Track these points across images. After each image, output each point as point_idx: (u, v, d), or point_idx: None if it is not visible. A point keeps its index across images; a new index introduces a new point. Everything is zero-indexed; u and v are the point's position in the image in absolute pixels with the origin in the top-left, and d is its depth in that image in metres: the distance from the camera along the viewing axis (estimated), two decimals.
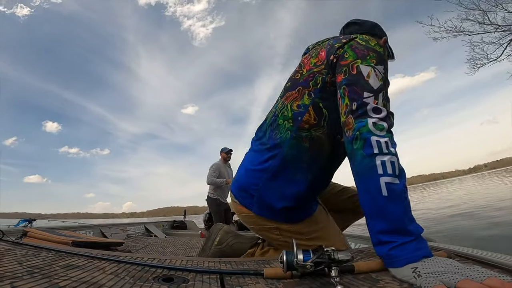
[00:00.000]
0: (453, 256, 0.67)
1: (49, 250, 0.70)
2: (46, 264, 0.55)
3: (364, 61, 0.69)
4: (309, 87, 0.79)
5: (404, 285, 0.52)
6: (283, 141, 0.81)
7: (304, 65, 0.83)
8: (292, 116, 0.80)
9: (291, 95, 0.82)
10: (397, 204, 0.57)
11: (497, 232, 3.50)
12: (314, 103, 0.77)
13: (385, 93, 0.68)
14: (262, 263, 0.79)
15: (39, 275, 0.47)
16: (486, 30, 6.61)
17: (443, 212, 5.91)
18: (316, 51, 0.83)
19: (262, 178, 0.84)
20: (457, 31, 6.85)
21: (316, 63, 0.79)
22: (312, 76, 0.79)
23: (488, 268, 0.51)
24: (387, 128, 0.63)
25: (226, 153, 3.84)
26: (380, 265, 0.61)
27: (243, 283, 0.57)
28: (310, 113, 0.77)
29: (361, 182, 0.62)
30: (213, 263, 0.75)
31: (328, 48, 0.78)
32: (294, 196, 0.83)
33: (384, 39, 0.89)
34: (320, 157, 0.80)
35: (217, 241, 1.07)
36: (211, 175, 3.66)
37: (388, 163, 0.58)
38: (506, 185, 11.59)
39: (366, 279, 0.57)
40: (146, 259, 0.73)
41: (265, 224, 0.90)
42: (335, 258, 0.55)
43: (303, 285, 0.56)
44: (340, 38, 0.80)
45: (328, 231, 0.92)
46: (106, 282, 0.49)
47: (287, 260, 0.56)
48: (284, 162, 0.81)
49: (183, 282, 0.55)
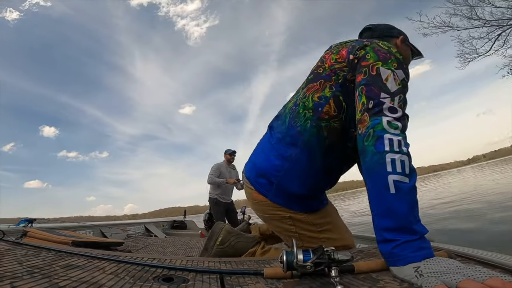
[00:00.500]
0: (454, 256, 0.67)
1: (49, 250, 0.70)
2: (46, 264, 0.55)
3: (385, 64, 0.71)
4: (331, 81, 0.82)
5: (404, 285, 0.52)
6: (303, 130, 0.83)
7: (325, 60, 0.86)
8: (312, 106, 0.83)
9: (312, 87, 0.85)
10: (404, 202, 0.57)
11: None
12: (335, 96, 0.80)
13: (403, 97, 0.69)
14: (262, 263, 0.79)
15: (39, 275, 0.47)
16: (474, 25, 6.70)
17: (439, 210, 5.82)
18: (338, 49, 0.86)
19: (284, 165, 0.86)
20: (446, 27, 6.94)
21: (337, 60, 0.82)
22: (334, 72, 0.82)
23: (490, 268, 0.51)
24: (401, 128, 0.63)
25: (229, 155, 3.84)
26: (380, 265, 0.61)
27: (243, 283, 0.57)
28: (331, 105, 0.80)
29: (370, 178, 0.62)
30: (213, 263, 0.75)
31: (349, 48, 0.81)
32: (311, 185, 0.86)
33: (402, 38, 0.92)
34: (335, 147, 0.83)
35: (219, 241, 1.07)
36: (211, 174, 3.67)
37: (398, 161, 0.58)
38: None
39: (366, 279, 0.57)
40: (146, 259, 0.73)
41: (279, 213, 0.91)
42: (335, 258, 0.55)
43: (303, 285, 0.56)
44: (363, 40, 0.84)
45: (338, 225, 0.95)
46: (106, 282, 0.49)
47: (287, 260, 0.56)
48: (305, 149, 0.83)
49: (183, 282, 0.55)
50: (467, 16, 6.62)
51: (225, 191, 3.73)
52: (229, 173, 3.78)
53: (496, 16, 6.46)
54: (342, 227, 0.97)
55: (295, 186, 0.86)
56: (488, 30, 6.66)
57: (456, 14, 6.74)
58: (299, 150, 0.84)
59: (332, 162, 0.86)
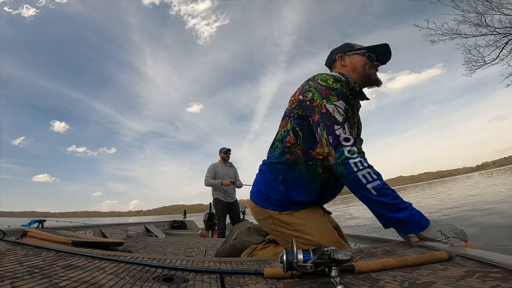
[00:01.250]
0: (454, 256, 0.67)
1: (49, 250, 0.70)
2: (46, 264, 0.55)
3: (328, 100, 0.94)
4: (290, 117, 1.09)
5: (404, 285, 0.52)
6: (274, 155, 1.12)
7: (289, 102, 1.13)
8: (281, 138, 1.11)
9: (282, 124, 1.13)
10: (385, 196, 0.85)
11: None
12: (293, 128, 1.06)
13: (348, 122, 0.93)
14: (262, 263, 0.79)
15: (39, 275, 0.47)
16: (482, 33, 6.65)
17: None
18: (295, 92, 1.11)
19: (260, 176, 1.17)
20: (454, 34, 6.89)
21: (293, 101, 1.09)
22: (291, 110, 1.09)
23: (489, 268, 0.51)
24: (357, 150, 0.89)
25: (224, 153, 3.82)
26: (380, 265, 0.62)
27: (243, 283, 0.57)
28: (291, 135, 1.07)
29: (355, 192, 0.90)
30: (213, 263, 0.75)
31: (301, 90, 1.06)
32: (281, 191, 1.08)
33: (339, 56, 1.14)
34: (296, 165, 1.05)
35: (234, 236, 1.34)
36: (207, 176, 3.67)
37: (366, 174, 0.85)
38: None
39: (366, 279, 0.57)
40: (146, 259, 0.73)
41: (261, 213, 1.13)
42: (335, 258, 0.55)
43: (303, 285, 0.56)
44: (309, 80, 1.06)
45: (313, 227, 1.05)
46: (106, 282, 0.49)
47: (287, 260, 0.56)
48: (273, 166, 1.11)
49: (183, 282, 0.55)
50: (476, 24, 6.54)
51: (227, 190, 3.71)
52: (226, 172, 3.76)
53: (504, 24, 6.39)
54: (320, 229, 1.06)
55: (268, 191, 1.11)
56: (495, 38, 6.59)
57: (465, 21, 6.68)
58: (267, 167, 1.13)
59: (294, 176, 1.06)
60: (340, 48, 1.17)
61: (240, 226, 1.30)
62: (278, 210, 1.08)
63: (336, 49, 1.17)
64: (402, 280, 0.54)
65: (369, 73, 1.11)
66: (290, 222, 1.05)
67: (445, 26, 6.87)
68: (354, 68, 1.10)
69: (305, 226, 1.04)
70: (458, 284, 0.50)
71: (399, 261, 0.64)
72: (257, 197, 1.14)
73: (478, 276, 0.53)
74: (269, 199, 1.10)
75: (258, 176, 1.19)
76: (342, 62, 1.13)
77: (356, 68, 1.10)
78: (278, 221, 1.08)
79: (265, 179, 1.13)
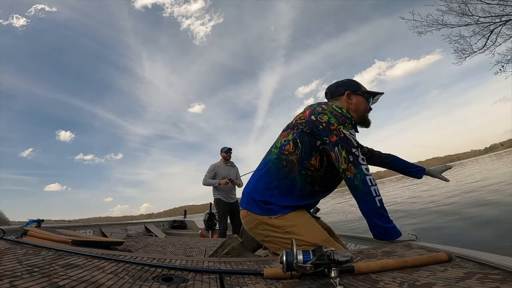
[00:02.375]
0: (454, 258, 0.67)
1: (49, 249, 0.70)
2: (45, 263, 0.55)
3: (344, 127, 1.09)
4: (294, 129, 1.18)
5: (403, 286, 0.52)
6: (270, 160, 1.19)
7: (295, 117, 1.23)
8: (279, 145, 1.19)
9: (283, 134, 1.22)
10: (385, 208, 1.04)
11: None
12: (294, 139, 1.16)
13: (359, 145, 1.19)
14: (262, 263, 0.79)
15: (39, 274, 0.47)
16: (467, 22, 6.68)
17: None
18: (304, 110, 1.22)
19: (251, 182, 1.23)
20: (440, 24, 6.93)
21: (301, 117, 1.19)
22: (297, 124, 1.18)
23: (489, 270, 0.51)
24: (369, 169, 1.07)
25: (225, 153, 3.81)
26: (380, 265, 0.61)
27: (243, 283, 0.57)
28: (290, 145, 1.15)
29: (364, 201, 1.04)
30: (213, 263, 0.75)
31: (312, 110, 1.17)
32: (274, 195, 1.14)
33: (347, 94, 1.25)
34: (291, 172, 1.14)
35: (225, 251, 1.32)
36: (206, 176, 3.66)
37: (376, 189, 1.04)
38: None
39: (366, 280, 0.57)
40: (146, 258, 0.73)
41: (252, 220, 1.17)
42: (335, 259, 0.55)
43: (302, 285, 0.56)
44: (321, 103, 1.20)
45: (303, 227, 1.11)
46: (106, 282, 0.49)
47: (286, 260, 0.56)
48: (266, 172, 1.18)
49: (182, 282, 0.55)
50: (461, 13, 6.58)
51: (228, 191, 3.69)
52: (227, 172, 3.74)
53: (487, 14, 6.44)
54: (310, 228, 1.13)
55: (261, 197, 1.15)
56: (481, 27, 6.65)
57: (451, 11, 6.72)
58: (263, 172, 1.19)
59: (287, 183, 1.14)
60: (349, 85, 1.28)
61: (231, 242, 1.28)
62: (268, 214, 1.13)
63: (345, 85, 1.29)
64: (401, 281, 0.54)
65: (366, 115, 1.28)
66: (281, 225, 1.11)
67: (430, 17, 6.94)
68: (357, 109, 1.24)
69: (295, 227, 1.10)
70: (458, 286, 0.50)
71: (398, 262, 0.64)
72: (248, 202, 1.19)
73: (478, 278, 0.53)
74: (260, 204, 1.15)
75: (250, 183, 1.23)
76: (349, 100, 1.25)
77: (358, 109, 1.24)
78: (268, 226, 1.13)
79: (259, 185, 1.18)
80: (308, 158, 1.12)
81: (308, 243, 1.06)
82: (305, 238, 1.07)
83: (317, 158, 1.12)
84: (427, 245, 0.85)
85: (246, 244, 1.37)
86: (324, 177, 1.15)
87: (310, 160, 1.12)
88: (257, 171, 1.25)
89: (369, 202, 1.03)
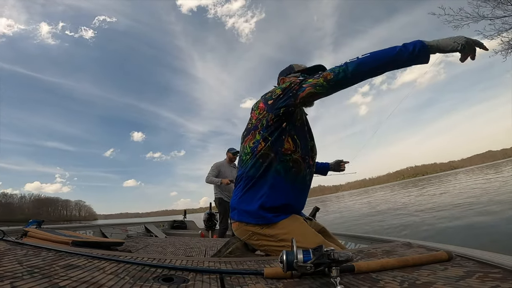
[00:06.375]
0: (454, 256, 0.67)
1: (49, 250, 0.70)
2: (46, 264, 0.55)
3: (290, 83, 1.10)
4: (258, 128, 1.15)
5: (404, 285, 0.52)
6: (246, 165, 1.17)
7: (252, 117, 1.21)
8: (250, 151, 1.16)
9: (247, 139, 1.19)
10: (377, 52, 0.95)
11: None
12: (263, 136, 1.13)
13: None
14: (262, 263, 0.79)
15: (39, 275, 0.47)
16: (509, 13, 6.29)
17: None
18: (257, 105, 1.21)
19: (236, 192, 1.21)
20: (479, 17, 6.60)
21: (260, 112, 1.16)
22: (259, 121, 1.15)
23: (489, 269, 0.51)
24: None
25: (232, 154, 3.79)
26: (380, 265, 0.62)
27: (243, 283, 0.57)
28: (261, 143, 1.13)
29: (362, 68, 0.95)
30: (213, 263, 0.75)
31: (263, 99, 1.18)
32: (262, 196, 1.12)
33: (282, 79, 1.35)
34: (271, 164, 1.12)
35: (229, 251, 1.31)
36: (209, 174, 3.66)
37: (358, 58, 0.96)
38: None
39: (366, 279, 0.57)
40: (146, 259, 0.73)
41: (244, 232, 1.16)
42: (335, 258, 0.55)
43: (303, 285, 0.56)
44: (264, 94, 1.21)
45: (296, 233, 1.07)
46: (106, 282, 0.49)
47: (287, 260, 0.56)
48: (248, 179, 1.15)
49: (183, 282, 0.55)
50: (500, 1, 6.22)
51: (230, 190, 3.69)
52: (230, 172, 3.75)
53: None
54: (303, 233, 1.11)
55: (248, 207, 1.14)
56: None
57: (486, 2, 6.37)
58: (244, 180, 1.17)
59: (271, 179, 1.12)
60: (282, 72, 1.39)
61: (236, 241, 1.29)
62: (260, 223, 1.12)
63: (280, 74, 1.39)
64: (402, 280, 0.54)
65: None
66: (273, 234, 1.10)
67: (462, 11, 6.67)
68: None
69: (288, 234, 1.08)
70: (458, 284, 0.50)
71: (399, 261, 0.64)
72: (240, 214, 1.17)
73: (478, 277, 0.53)
74: (252, 213, 1.13)
75: (236, 196, 1.21)
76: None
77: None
78: (261, 236, 1.12)
79: (246, 196, 1.16)
80: (281, 144, 1.11)
81: (303, 248, 1.03)
82: (299, 244, 1.04)
83: (289, 140, 1.12)
84: (427, 244, 0.85)
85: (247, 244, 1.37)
86: (302, 150, 1.15)
87: (284, 145, 1.12)
88: (237, 182, 1.23)
89: (367, 63, 0.95)
